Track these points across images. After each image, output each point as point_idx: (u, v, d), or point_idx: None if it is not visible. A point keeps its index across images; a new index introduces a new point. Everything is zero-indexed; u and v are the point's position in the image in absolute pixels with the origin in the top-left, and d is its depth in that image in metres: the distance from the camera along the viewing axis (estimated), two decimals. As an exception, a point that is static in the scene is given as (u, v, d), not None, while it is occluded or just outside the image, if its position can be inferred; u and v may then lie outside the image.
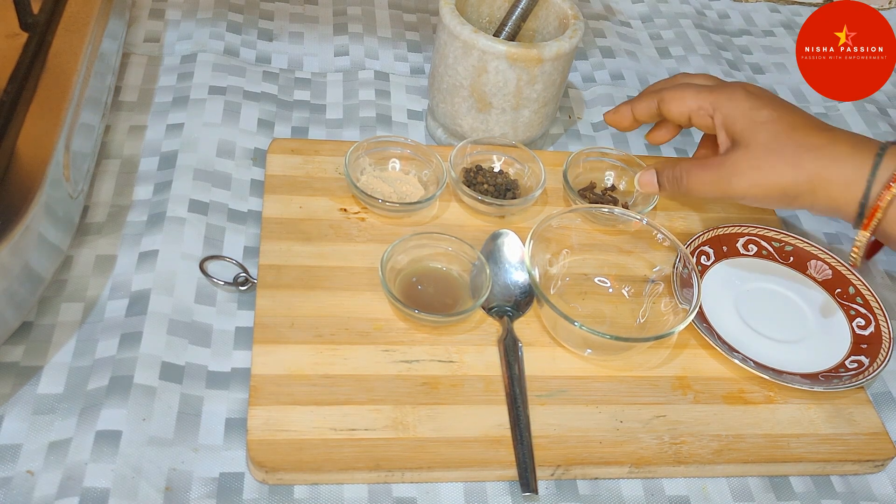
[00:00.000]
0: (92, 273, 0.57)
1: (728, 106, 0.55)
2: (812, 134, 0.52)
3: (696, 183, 0.55)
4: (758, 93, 0.56)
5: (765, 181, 0.52)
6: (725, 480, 0.52)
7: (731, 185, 0.53)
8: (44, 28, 0.57)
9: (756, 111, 0.54)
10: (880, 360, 0.57)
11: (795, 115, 0.54)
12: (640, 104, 0.61)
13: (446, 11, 0.64)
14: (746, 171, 0.52)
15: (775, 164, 0.51)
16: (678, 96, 0.58)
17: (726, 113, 0.55)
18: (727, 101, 0.55)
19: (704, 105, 0.56)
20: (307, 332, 0.54)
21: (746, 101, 0.55)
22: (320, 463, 0.48)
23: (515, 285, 0.59)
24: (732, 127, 0.54)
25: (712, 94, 0.56)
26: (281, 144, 0.66)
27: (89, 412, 0.49)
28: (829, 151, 0.51)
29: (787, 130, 0.52)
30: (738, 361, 0.55)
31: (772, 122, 0.53)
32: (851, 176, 0.50)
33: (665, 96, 0.58)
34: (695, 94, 0.57)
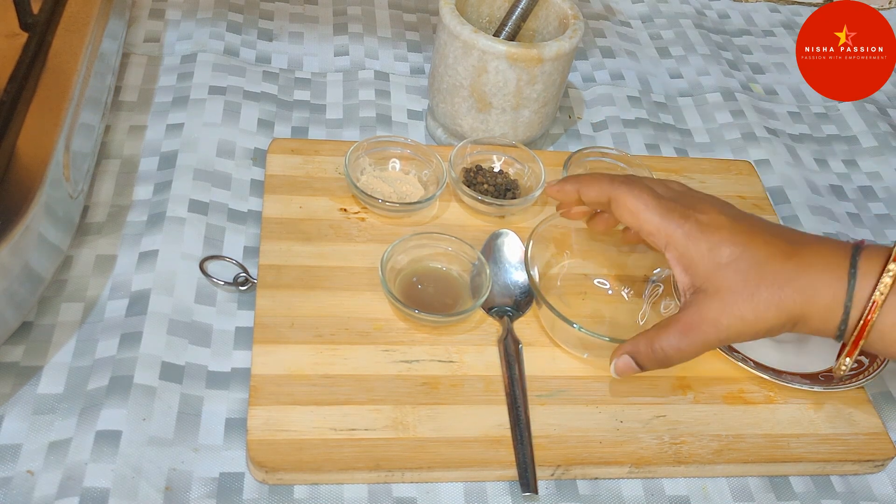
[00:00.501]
0: (92, 273, 0.57)
1: (683, 245, 0.49)
2: (780, 262, 0.48)
3: (683, 353, 0.50)
4: (714, 223, 0.50)
5: (750, 329, 0.48)
6: (725, 480, 0.52)
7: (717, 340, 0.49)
8: (44, 28, 0.57)
9: (716, 251, 0.48)
10: (880, 360, 0.57)
11: (759, 244, 0.49)
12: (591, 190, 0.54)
13: (446, 11, 0.64)
14: (723, 322, 0.48)
15: (756, 310, 0.47)
16: (632, 207, 0.51)
17: (682, 253, 0.49)
18: (683, 239, 0.49)
19: (657, 234, 0.50)
20: (307, 332, 0.54)
21: (703, 240, 0.49)
22: (320, 463, 0.48)
23: (515, 285, 0.59)
24: (692, 270, 0.49)
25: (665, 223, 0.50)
26: (281, 144, 0.66)
27: (89, 412, 0.49)
28: (802, 283, 0.47)
29: (755, 268, 0.48)
30: (738, 361, 0.55)
31: (735, 262, 0.48)
32: (828, 304, 0.47)
33: (618, 197, 0.52)
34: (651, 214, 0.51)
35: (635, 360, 0.50)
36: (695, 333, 0.48)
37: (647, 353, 0.50)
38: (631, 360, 0.50)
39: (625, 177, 0.54)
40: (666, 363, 0.50)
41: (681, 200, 0.52)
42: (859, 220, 0.72)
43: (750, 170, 0.72)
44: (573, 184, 0.55)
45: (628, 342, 0.51)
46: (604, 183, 0.53)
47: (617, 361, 0.51)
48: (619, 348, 0.51)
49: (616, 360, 0.51)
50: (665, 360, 0.50)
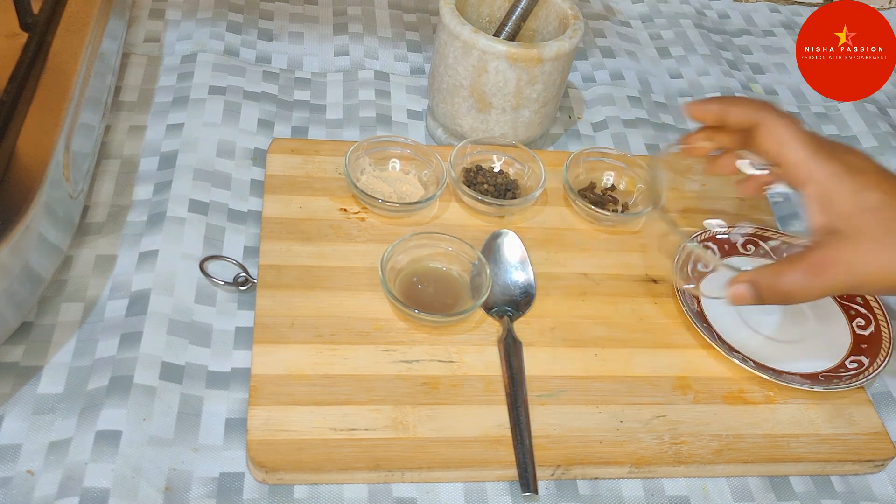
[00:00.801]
0: (92, 273, 0.57)
1: (826, 183, 0.48)
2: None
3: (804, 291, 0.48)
4: (861, 167, 0.49)
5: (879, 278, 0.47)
6: (725, 480, 0.52)
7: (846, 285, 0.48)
8: (44, 28, 0.57)
9: (861, 194, 0.47)
10: (880, 360, 0.57)
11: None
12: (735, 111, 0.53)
13: (446, 11, 0.64)
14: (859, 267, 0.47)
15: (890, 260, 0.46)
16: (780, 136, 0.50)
17: (823, 191, 0.48)
18: (826, 176, 0.48)
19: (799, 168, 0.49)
20: (307, 332, 0.54)
21: (848, 181, 0.48)
22: (320, 463, 0.48)
23: (515, 285, 0.59)
24: (830, 209, 0.48)
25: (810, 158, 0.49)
26: (281, 144, 0.66)
27: (89, 412, 0.49)
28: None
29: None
30: (738, 361, 0.55)
31: (880, 209, 0.47)
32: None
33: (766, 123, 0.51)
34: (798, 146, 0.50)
35: (755, 290, 0.49)
36: (825, 274, 0.47)
37: (769, 286, 0.48)
38: (750, 289, 0.49)
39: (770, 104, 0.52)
40: (787, 299, 0.49)
41: (827, 141, 0.51)
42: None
43: (750, 170, 0.72)
44: (718, 103, 0.53)
45: (751, 271, 0.49)
46: (752, 106, 0.52)
47: (735, 288, 0.49)
48: (740, 276, 0.50)
49: (735, 287, 0.50)
50: (787, 297, 0.48)
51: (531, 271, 0.60)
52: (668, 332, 0.58)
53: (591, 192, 0.66)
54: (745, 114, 0.52)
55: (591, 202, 0.65)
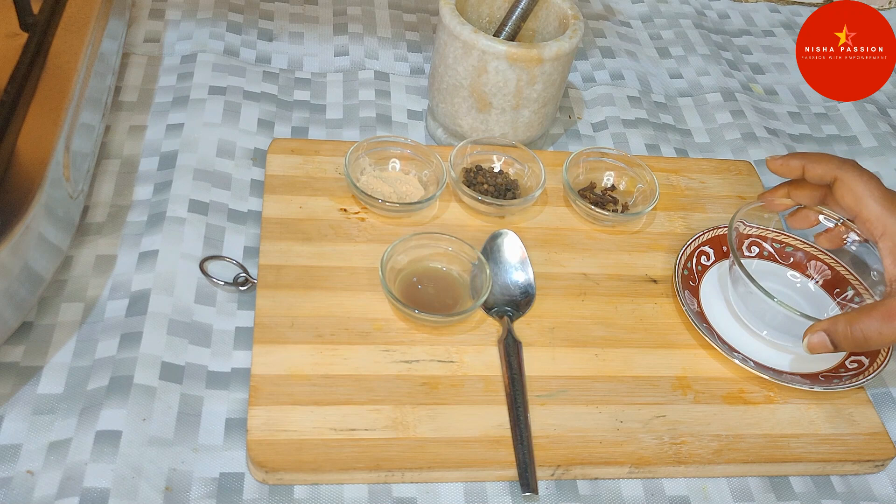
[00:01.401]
0: (92, 273, 0.57)
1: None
2: None
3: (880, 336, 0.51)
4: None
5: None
6: (725, 480, 0.52)
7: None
8: (44, 28, 0.57)
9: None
10: (880, 360, 0.57)
11: None
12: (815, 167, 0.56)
13: (446, 11, 0.64)
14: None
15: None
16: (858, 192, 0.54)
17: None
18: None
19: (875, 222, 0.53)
20: (307, 332, 0.54)
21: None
22: (320, 463, 0.48)
23: (515, 285, 0.59)
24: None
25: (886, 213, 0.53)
26: (281, 144, 0.66)
27: (89, 412, 0.49)
28: None
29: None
30: (738, 361, 0.55)
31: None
32: None
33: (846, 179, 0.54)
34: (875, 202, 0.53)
35: (831, 339, 0.51)
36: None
37: (845, 333, 0.51)
38: (826, 338, 0.52)
39: (851, 161, 0.55)
40: (864, 346, 0.51)
41: None
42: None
43: (750, 170, 0.72)
44: (799, 160, 0.56)
45: (826, 320, 0.52)
46: (832, 162, 0.55)
47: (811, 337, 0.52)
48: (815, 325, 0.52)
49: (811, 336, 0.52)
50: (863, 343, 0.50)
51: (531, 271, 0.60)
52: (668, 332, 0.58)
53: (591, 192, 0.66)
54: (826, 170, 0.55)
55: (591, 202, 0.65)
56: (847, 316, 0.51)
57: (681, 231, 0.65)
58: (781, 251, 0.63)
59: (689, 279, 0.60)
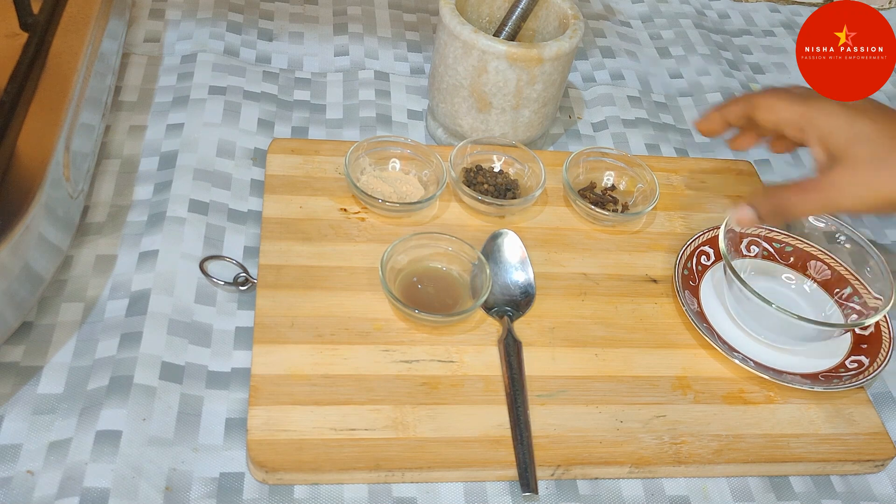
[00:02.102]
0: (92, 273, 0.57)
1: (824, 121, 0.53)
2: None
3: (800, 208, 0.54)
4: (854, 105, 0.54)
5: (873, 196, 0.51)
6: (725, 480, 0.52)
7: (837, 204, 0.52)
8: (44, 28, 0.57)
9: (853, 124, 0.52)
10: (880, 360, 0.57)
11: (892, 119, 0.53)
12: (732, 108, 0.59)
13: (446, 11, 0.64)
14: (853, 188, 0.51)
15: (882, 178, 0.51)
16: (770, 105, 0.57)
17: (822, 128, 0.53)
18: (823, 116, 0.53)
19: (796, 118, 0.55)
20: (307, 332, 0.54)
21: (843, 115, 0.53)
22: (320, 463, 0.48)
23: (515, 285, 0.59)
24: (830, 142, 0.53)
25: (806, 106, 0.55)
26: (281, 144, 0.66)
27: (89, 412, 0.49)
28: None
29: (889, 141, 0.51)
30: (738, 361, 0.55)
31: (873, 134, 0.51)
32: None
33: (757, 103, 0.57)
34: (787, 104, 0.56)
35: (756, 211, 0.55)
36: (818, 192, 0.52)
37: (767, 205, 0.54)
38: (752, 211, 0.55)
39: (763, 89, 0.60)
40: (783, 216, 0.55)
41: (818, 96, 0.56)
42: (860, 219, 0.72)
43: (750, 170, 0.72)
44: (715, 111, 0.60)
45: (749, 194, 0.55)
46: (741, 99, 0.59)
47: (738, 212, 0.55)
48: (741, 201, 0.56)
49: (736, 211, 0.56)
50: (784, 212, 0.54)
51: (531, 271, 0.60)
52: (668, 332, 0.58)
53: (591, 192, 0.66)
54: (740, 107, 0.58)
55: (591, 202, 0.65)
56: (769, 189, 0.55)
57: (681, 231, 0.65)
58: (781, 251, 0.63)
59: (689, 279, 0.60)
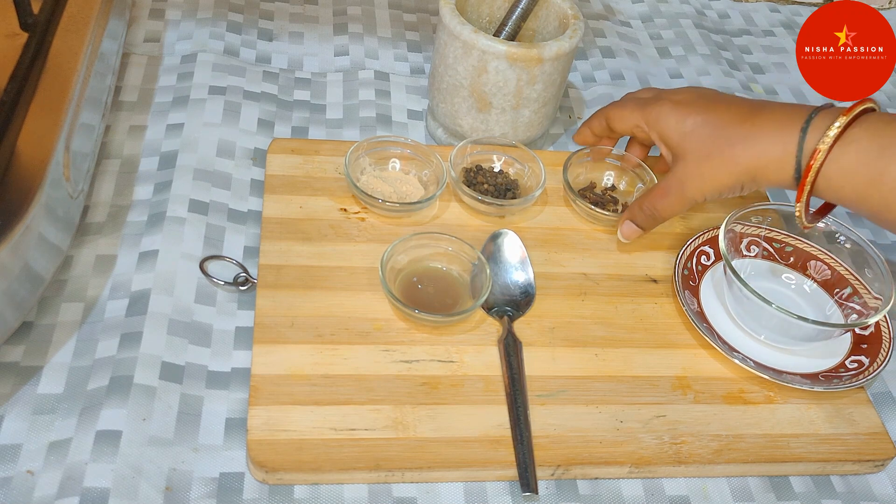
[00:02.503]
0: (92, 273, 0.57)
1: (659, 123, 0.58)
2: (738, 125, 0.55)
3: (666, 210, 0.59)
4: (685, 100, 0.58)
5: (711, 185, 0.56)
6: (725, 480, 0.52)
7: (689, 198, 0.57)
8: (44, 28, 0.57)
9: (682, 122, 0.57)
10: (880, 360, 0.57)
11: (720, 112, 0.56)
12: (594, 122, 0.65)
13: (446, 11, 0.64)
14: (693, 182, 0.56)
15: (712, 168, 0.55)
16: (619, 115, 0.62)
17: (659, 130, 0.58)
18: (657, 118, 0.58)
19: (640, 123, 0.60)
20: (307, 332, 0.54)
21: (673, 114, 0.57)
22: (320, 463, 0.48)
23: (515, 285, 0.59)
24: (668, 142, 0.57)
25: (644, 111, 0.59)
26: (281, 144, 0.66)
27: (89, 412, 0.49)
28: (756, 140, 0.53)
29: (715, 131, 0.55)
30: (738, 361, 0.55)
31: (699, 128, 0.56)
32: (781, 156, 0.53)
33: (610, 115, 0.63)
34: (630, 112, 0.61)
35: (635, 223, 0.60)
36: (672, 193, 0.57)
37: (641, 215, 0.59)
38: (633, 224, 0.60)
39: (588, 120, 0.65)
40: (658, 220, 0.59)
41: (659, 93, 0.61)
42: (859, 219, 0.72)
43: (750, 170, 0.72)
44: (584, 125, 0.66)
45: (626, 210, 0.61)
46: (599, 113, 0.64)
47: (622, 228, 0.61)
48: (621, 217, 0.61)
49: (621, 228, 0.61)
50: (657, 218, 0.59)
51: (531, 271, 0.60)
52: (668, 332, 0.58)
53: (591, 192, 0.66)
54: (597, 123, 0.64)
55: (591, 202, 0.65)
56: (639, 200, 0.59)
57: (681, 231, 0.65)
58: (781, 251, 0.63)
59: (689, 279, 0.60)
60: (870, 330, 0.59)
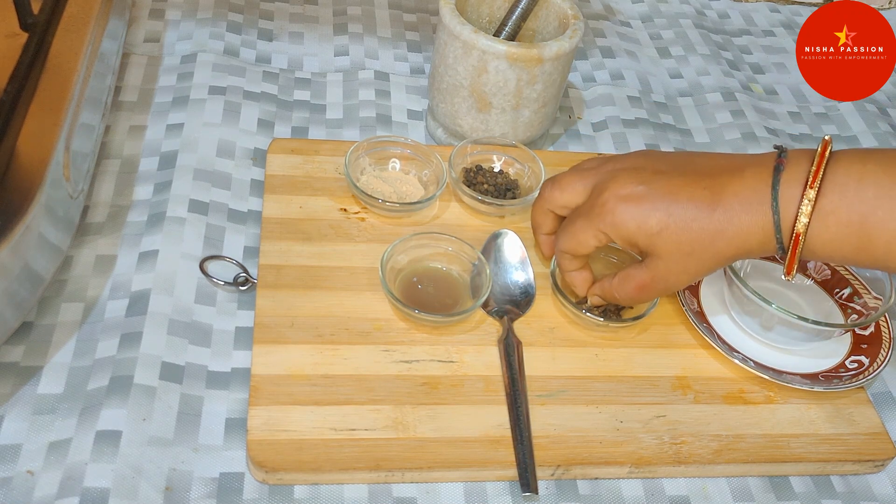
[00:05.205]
0: (92, 273, 0.57)
1: (619, 229, 0.52)
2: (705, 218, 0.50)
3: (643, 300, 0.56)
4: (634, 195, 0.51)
5: (694, 278, 0.53)
6: (725, 480, 0.52)
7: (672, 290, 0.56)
8: (44, 28, 0.57)
9: (645, 222, 0.51)
10: (880, 360, 0.57)
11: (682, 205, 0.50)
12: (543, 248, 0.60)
13: (446, 11, 0.64)
14: (677, 277, 0.53)
15: (692, 264, 0.52)
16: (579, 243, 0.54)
17: (623, 237, 0.52)
18: (614, 225, 0.52)
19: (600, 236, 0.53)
20: (307, 332, 0.54)
21: (629, 218, 0.51)
22: (320, 463, 0.48)
23: (515, 285, 0.59)
24: (632, 245, 0.52)
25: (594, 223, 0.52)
26: (281, 144, 0.66)
27: (89, 412, 0.49)
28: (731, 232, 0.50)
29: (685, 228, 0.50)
30: (738, 361, 0.55)
31: (667, 229, 0.50)
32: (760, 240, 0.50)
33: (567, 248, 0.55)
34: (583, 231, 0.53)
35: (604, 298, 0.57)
36: (648, 290, 0.54)
37: (611, 297, 0.56)
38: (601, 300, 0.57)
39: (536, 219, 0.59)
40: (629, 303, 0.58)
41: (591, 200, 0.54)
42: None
43: (750, 170, 0.72)
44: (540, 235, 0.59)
45: (597, 285, 0.57)
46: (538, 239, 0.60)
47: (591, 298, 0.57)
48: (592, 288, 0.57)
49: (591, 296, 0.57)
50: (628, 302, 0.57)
51: (531, 271, 0.60)
52: (668, 332, 0.58)
53: None
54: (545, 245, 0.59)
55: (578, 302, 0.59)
56: (613, 284, 0.55)
57: (681, 231, 0.65)
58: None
59: (689, 279, 0.60)
60: (870, 330, 0.59)
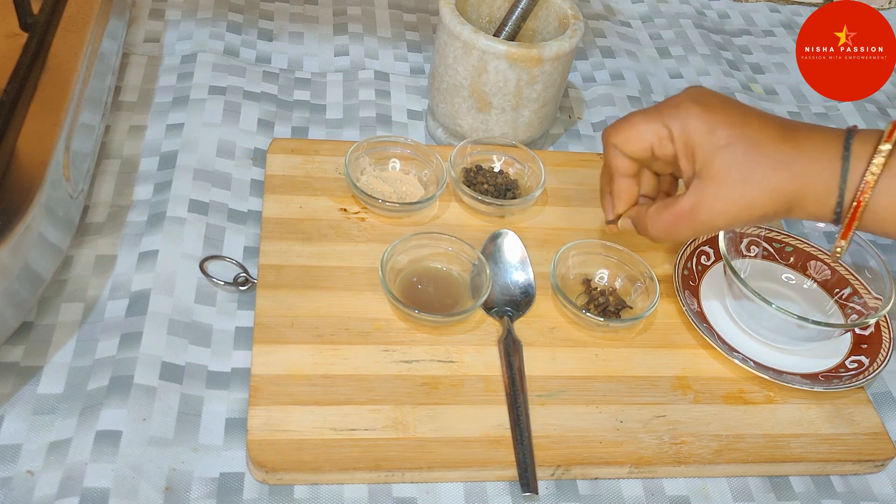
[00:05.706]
0: (92, 273, 0.57)
1: (687, 128, 0.49)
2: (774, 145, 0.48)
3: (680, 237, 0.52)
4: (711, 104, 0.49)
5: (741, 213, 0.49)
6: (725, 480, 0.52)
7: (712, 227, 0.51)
8: (44, 28, 0.57)
9: (714, 132, 0.48)
10: (880, 360, 0.57)
11: (754, 126, 0.48)
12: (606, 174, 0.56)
13: (446, 11, 0.64)
14: (720, 207, 0.49)
15: (746, 194, 0.48)
16: (630, 134, 0.52)
17: (687, 138, 0.49)
18: (685, 123, 0.49)
19: (661, 132, 0.50)
20: (307, 332, 0.54)
21: (702, 123, 0.49)
22: (320, 463, 0.48)
23: (515, 285, 0.59)
24: (696, 154, 0.49)
25: (664, 117, 0.50)
26: (281, 144, 0.66)
27: (89, 412, 0.49)
28: (797, 167, 0.47)
29: (750, 151, 0.47)
30: (738, 361, 0.55)
31: (732, 145, 0.48)
32: (823, 187, 0.47)
33: (618, 141, 0.52)
34: (646, 122, 0.51)
35: (636, 226, 0.54)
36: (685, 221, 0.50)
37: (643, 227, 0.53)
38: (631, 224, 0.55)
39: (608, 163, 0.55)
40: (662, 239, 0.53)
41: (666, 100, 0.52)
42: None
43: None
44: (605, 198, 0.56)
45: (634, 209, 0.55)
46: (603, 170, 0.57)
47: (622, 222, 0.56)
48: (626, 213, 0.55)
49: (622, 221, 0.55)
50: (657, 239, 0.53)
51: (531, 271, 0.60)
52: (668, 332, 0.58)
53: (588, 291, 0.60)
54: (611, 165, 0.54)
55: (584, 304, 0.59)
56: (649, 213, 0.52)
57: (681, 231, 0.65)
58: (781, 251, 0.63)
59: (689, 279, 0.60)
60: (870, 330, 0.59)
